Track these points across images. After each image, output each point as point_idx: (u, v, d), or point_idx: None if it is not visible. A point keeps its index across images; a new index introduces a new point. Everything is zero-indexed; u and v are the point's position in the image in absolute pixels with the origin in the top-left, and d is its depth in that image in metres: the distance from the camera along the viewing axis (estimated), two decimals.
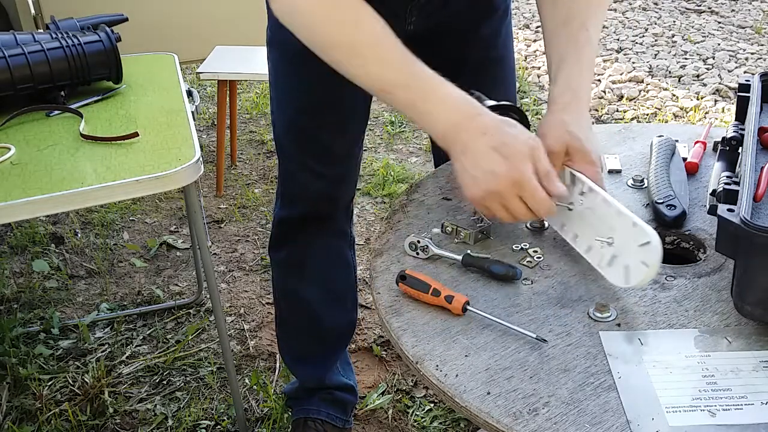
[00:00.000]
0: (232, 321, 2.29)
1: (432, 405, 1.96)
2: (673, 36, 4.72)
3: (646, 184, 1.24)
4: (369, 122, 1.56)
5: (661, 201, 1.15)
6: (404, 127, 3.52)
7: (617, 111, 3.71)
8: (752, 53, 4.37)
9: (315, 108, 1.41)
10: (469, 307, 0.97)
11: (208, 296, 2.32)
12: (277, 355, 2.13)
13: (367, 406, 1.94)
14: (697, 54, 4.39)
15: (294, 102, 1.42)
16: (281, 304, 1.71)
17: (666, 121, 3.59)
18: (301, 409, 1.78)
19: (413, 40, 1.40)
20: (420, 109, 1.04)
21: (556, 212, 1.02)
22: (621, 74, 4.10)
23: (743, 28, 4.84)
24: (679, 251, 1.13)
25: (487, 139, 0.99)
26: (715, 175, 1.16)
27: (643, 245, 0.93)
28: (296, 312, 1.68)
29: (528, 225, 1.15)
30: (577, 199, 1.04)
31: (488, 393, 0.86)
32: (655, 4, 5.39)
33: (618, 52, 4.49)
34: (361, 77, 1.06)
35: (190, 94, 1.75)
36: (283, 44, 1.38)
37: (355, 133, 1.49)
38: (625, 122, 3.56)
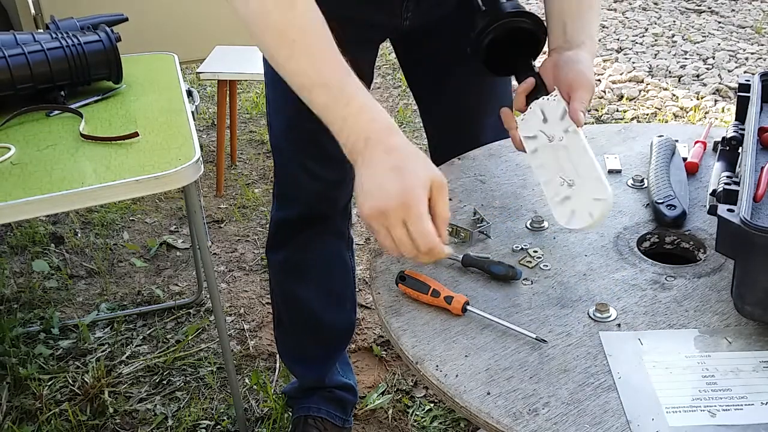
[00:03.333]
0: (232, 321, 2.29)
1: (432, 405, 1.96)
2: (673, 36, 4.72)
3: (646, 184, 1.24)
4: None
5: (661, 201, 1.15)
6: (404, 127, 3.53)
7: (617, 111, 3.71)
8: (752, 53, 4.37)
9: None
10: (469, 308, 0.97)
11: (208, 296, 2.32)
12: (277, 355, 2.13)
13: (367, 406, 1.94)
14: (697, 54, 4.39)
15: (291, 103, 1.41)
16: (279, 305, 1.71)
17: (666, 121, 3.59)
18: (301, 407, 1.78)
19: (408, 37, 1.39)
20: (336, 114, 0.99)
21: (442, 256, 0.95)
22: (621, 74, 4.10)
23: (743, 28, 4.84)
24: (679, 251, 1.13)
25: (390, 159, 0.95)
26: (715, 175, 1.16)
27: (597, 199, 0.98)
28: (294, 313, 1.68)
29: (528, 225, 1.15)
30: (560, 134, 1.06)
31: (488, 393, 0.86)
32: (655, 4, 5.39)
33: (618, 52, 4.49)
34: (285, 67, 1.01)
35: (190, 94, 1.75)
36: None
37: None
38: (625, 122, 3.56)
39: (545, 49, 1.20)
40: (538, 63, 1.19)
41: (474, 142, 1.42)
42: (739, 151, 1.17)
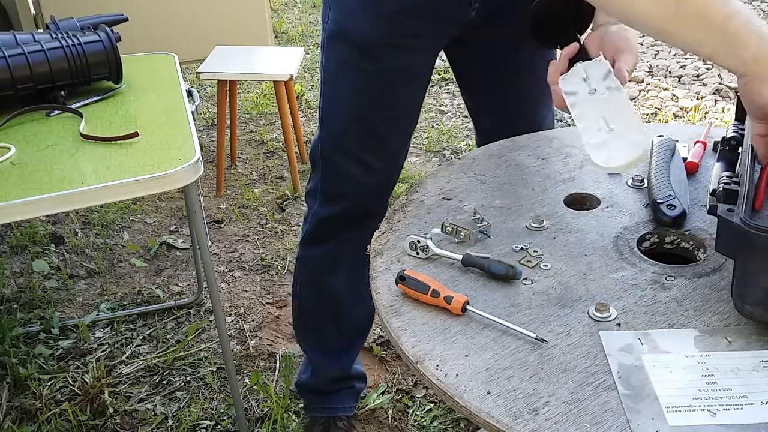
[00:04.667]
0: (232, 321, 2.29)
1: (432, 405, 1.96)
2: None
3: (646, 184, 1.24)
4: None
5: (661, 201, 1.15)
6: None
7: None
8: None
9: (380, 103, 1.43)
10: (468, 307, 0.97)
11: (208, 296, 2.32)
12: (278, 355, 2.14)
13: (367, 406, 1.94)
14: None
15: (361, 97, 1.43)
16: (305, 297, 1.72)
17: (666, 121, 3.59)
18: (326, 407, 1.81)
19: (473, 27, 1.42)
20: (734, 31, 0.96)
21: None
22: None
23: None
24: (679, 251, 1.13)
25: None
26: (715, 175, 1.16)
27: (637, 143, 1.07)
28: (323, 305, 1.69)
29: (528, 225, 1.15)
30: (602, 89, 1.15)
31: (488, 393, 0.86)
32: None
33: None
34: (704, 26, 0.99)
35: (190, 94, 1.75)
36: (352, 39, 1.38)
37: (409, 130, 1.53)
38: None
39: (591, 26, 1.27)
40: (583, 38, 1.26)
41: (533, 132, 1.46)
42: (739, 151, 1.17)
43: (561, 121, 3.60)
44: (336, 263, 1.62)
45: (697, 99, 3.78)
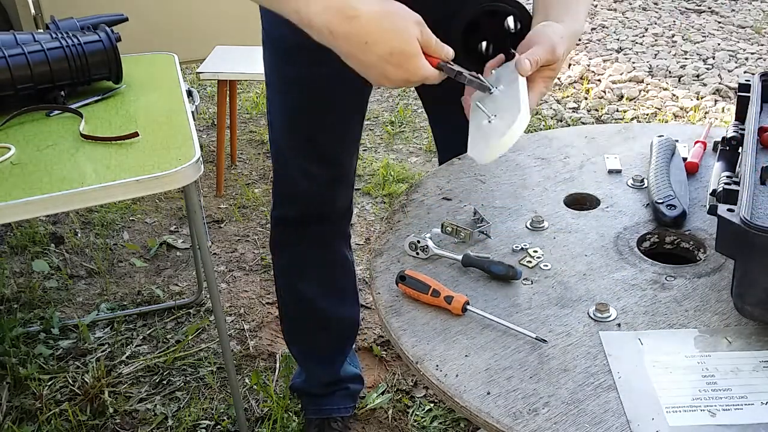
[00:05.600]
0: (232, 321, 2.29)
1: (432, 405, 1.96)
2: (673, 36, 4.72)
3: (646, 184, 1.24)
4: (369, 122, 1.56)
5: (661, 201, 1.15)
6: (404, 127, 3.52)
7: (617, 111, 3.71)
8: (752, 53, 4.37)
9: (311, 107, 1.40)
10: (469, 307, 0.97)
11: (208, 296, 2.32)
12: (278, 355, 2.14)
13: (367, 406, 1.94)
14: (697, 54, 4.39)
15: (290, 101, 1.42)
16: (286, 301, 1.72)
17: (666, 121, 3.59)
18: (321, 409, 1.81)
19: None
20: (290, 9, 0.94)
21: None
22: (621, 74, 4.10)
23: (743, 28, 4.84)
24: (679, 251, 1.13)
25: (373, 49, 0.93)
26: (715, 175, 1.16)
27: (506, 125, 0.98)
28: (301, 310, 1.69)
29: (528, 225, 1.15)
30: (503, 86, 1.05)
31: (488, 393, 0.86)
32: (655, 4, 5.39)
33: (618, 52, 4.49)
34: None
35: (190, 94, 1.75)
36: (279, 43, 1.38)
37: (350, 135, 1.49)
38: (625, 122, 3.56)
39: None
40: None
41: None
42: (739, 151, 1.17)
43: (561, 121, 3.60)
44: (303, 269, 1.61)
45: (697, 99, 3.78)
